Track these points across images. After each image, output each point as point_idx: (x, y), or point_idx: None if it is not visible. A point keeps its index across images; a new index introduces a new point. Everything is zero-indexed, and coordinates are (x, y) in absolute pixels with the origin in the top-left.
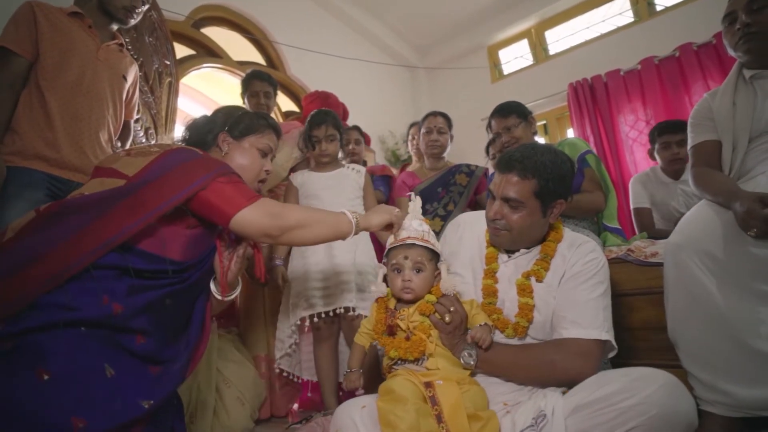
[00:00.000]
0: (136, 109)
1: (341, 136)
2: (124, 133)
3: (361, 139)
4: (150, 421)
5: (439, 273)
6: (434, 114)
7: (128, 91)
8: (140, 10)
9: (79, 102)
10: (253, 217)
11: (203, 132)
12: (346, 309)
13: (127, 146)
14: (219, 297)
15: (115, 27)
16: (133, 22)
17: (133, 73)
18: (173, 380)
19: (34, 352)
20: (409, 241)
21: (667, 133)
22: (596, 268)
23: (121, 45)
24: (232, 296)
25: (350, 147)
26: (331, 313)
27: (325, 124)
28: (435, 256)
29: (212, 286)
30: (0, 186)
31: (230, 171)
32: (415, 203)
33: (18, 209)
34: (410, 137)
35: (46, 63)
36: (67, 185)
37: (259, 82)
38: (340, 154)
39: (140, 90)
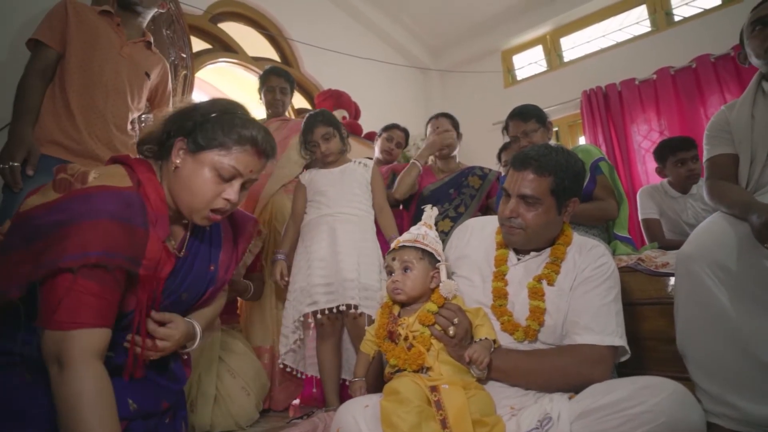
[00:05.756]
0: (169, 104)
1: (339, 131)
2: None
3: (402, 143)
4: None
5: (437, 275)
6: (436, 116)
7: (157, 88)
8: None
9: (96, 94)
10: (47, 343)
11: (160, 135)
12: (348, 306)
13: None
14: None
15: (143, 23)
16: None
17: (158, 70)
18: (161, 393)
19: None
20: (399, 245)
21: (682, 150)
22: (607, 272)
23: (149, 43)
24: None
25: (391, 145)
26: (334, 310)
27: (316, 126)
28: (428, 255)
29: None
30: (35, 166)
31: (107, 262)
32: (431, 213)
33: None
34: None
35: (70, 56)
36: None
37: (276, 77)
38: (343, 148)
39: None
